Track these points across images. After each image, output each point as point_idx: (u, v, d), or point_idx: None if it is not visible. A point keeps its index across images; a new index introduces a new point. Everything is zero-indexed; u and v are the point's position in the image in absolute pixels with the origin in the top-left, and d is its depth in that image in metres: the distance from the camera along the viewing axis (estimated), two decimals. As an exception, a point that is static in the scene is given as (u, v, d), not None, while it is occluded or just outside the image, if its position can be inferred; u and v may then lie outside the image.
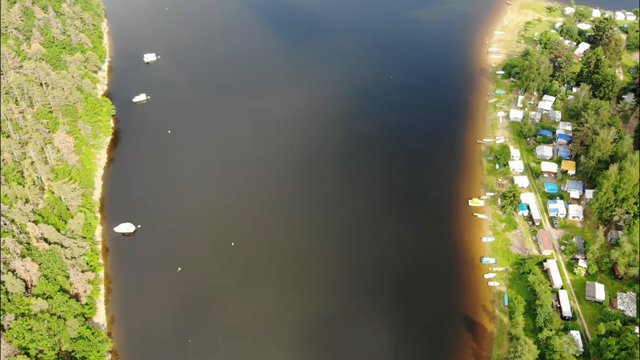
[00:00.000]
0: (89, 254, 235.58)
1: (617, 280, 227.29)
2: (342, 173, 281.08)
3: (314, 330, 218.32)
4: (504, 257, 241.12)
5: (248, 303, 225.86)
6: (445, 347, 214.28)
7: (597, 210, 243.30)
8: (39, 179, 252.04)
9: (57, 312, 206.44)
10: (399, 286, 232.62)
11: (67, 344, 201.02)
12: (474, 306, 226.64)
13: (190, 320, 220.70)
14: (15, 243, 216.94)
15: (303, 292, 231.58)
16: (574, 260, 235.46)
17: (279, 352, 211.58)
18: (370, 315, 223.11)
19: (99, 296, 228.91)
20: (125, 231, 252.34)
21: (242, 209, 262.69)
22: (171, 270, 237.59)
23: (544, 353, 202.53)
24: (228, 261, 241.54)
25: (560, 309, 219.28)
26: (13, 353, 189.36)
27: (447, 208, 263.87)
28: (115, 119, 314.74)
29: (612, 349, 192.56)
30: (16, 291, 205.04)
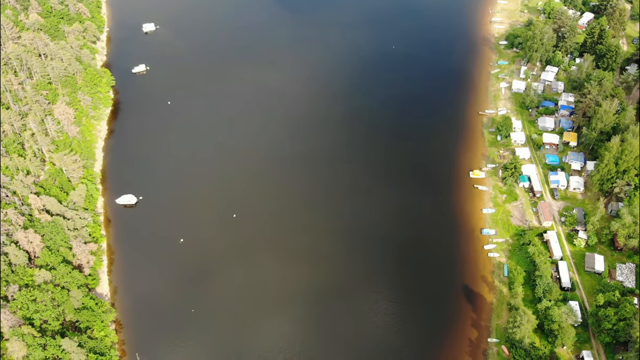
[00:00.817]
0: (91, 226, 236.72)
1: (617, 251, 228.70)
2: (343, 145, 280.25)
3: (314, 300, 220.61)
4: (504, 229, 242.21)
5: (250, 273, 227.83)
6: (445, 317, 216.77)
7: (598, 182, 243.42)
8: (39, 151, 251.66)
9: (60, 283, 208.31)
10: (398, 257, 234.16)
11: (71, 314, 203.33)
12: (473, 277, 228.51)
13: (193, 290, 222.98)
14: (18, 215, 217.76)
15: (304, 262, 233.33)
16: (574, 232, 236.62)
17: (280, 321, 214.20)
18: (370, 286, 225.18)
19: (102, 267, 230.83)
20: (127, 203, 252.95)
21: (244, 181, 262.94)
22: (173, 242, 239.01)
23: (542, 323, 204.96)
24: (230, 233, 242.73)
25: (560, 280, 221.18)
26: (18, 323, 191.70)
27: (447, 180, 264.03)
28: (114, 90, 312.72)
29: (610, 319, 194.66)
30: (19, 262, 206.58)
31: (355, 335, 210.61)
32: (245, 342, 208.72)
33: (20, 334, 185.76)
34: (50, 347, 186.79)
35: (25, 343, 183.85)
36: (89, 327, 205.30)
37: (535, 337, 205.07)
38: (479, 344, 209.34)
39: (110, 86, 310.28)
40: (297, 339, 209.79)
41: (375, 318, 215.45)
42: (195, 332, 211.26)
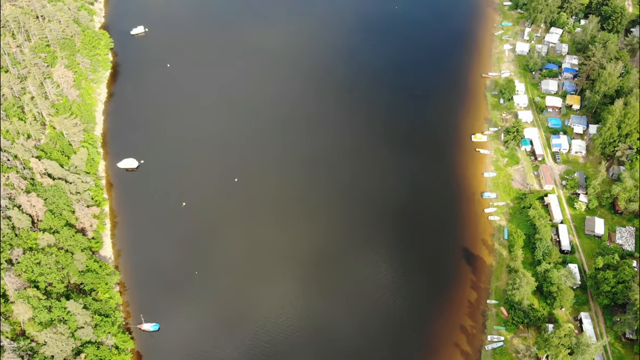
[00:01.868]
0: (93, 189, 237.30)
1: (617, 215, 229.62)
2: (345, 108, 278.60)
3: (315, 262, 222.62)
4: (505, 192, 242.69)
5: (252, 236, 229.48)
6: (445, 279, 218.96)
7: (600, 145, 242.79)
8: (39, 115, 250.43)
9: (64, 246, 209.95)
10: (399, 220, 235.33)
11: (75, 277, 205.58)
12: (473, 240, 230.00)
13: (196, 252, 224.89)
14: (20, 179, 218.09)
15: (305, 225, 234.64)
16: (575, 195, 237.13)
17: (282, 282, 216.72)
18: (371, 248, 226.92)
19: (105, 230, 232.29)
20: (128, 166, 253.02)
21: (245, 144, 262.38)
22: (175, 205, 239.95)
23: (541, 285, 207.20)
24: (231, 196, 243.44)
25: (560, 243, 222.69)
26: (23, 286, 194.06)
27: (449, 143, 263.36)
28: (113, 52, 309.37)
29: (609, 282, 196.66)
30: (23, 226, 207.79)
31: (355, 295, 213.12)
32: (248, 302, 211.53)
33: (26, 296, 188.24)
34: (56, 309, 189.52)
35: (31, 305, 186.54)
36: (94, 290, 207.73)
37: (534, 299, 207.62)
38: (478, 306, 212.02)
39: (109, 48, 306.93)
40: (298, 299, 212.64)
41: (376, 279, 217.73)
42: (198, 293, 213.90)
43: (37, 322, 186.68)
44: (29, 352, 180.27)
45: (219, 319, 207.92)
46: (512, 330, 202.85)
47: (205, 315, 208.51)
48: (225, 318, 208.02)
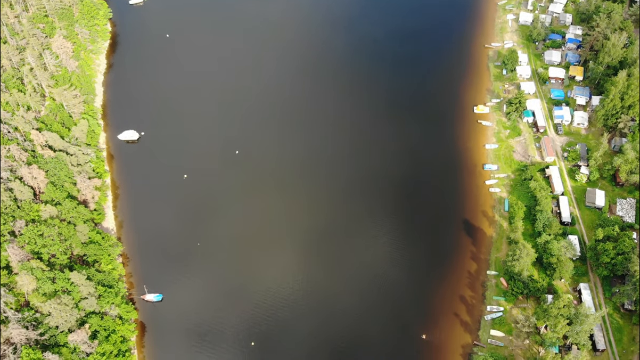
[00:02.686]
0: (94, 161, 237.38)
1: (618, 187, 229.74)
2: (345, 79, 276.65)
3: (316, 233, 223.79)
4: (506, 164, 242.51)
5: (254, 208, 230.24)
6: (445, 250, 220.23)
7: (602, 117, 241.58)
8: (39, 86, 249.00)
9: (66, 218, 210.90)
10: (400, 192, 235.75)
11: (78, 249, 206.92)
12: (474, 212, 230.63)
13: (198, 224, 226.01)
14: (21, 151, 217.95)
15: (306, 197, 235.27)
16: (576, 167, 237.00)
17: (284, 254, 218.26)
18: (372, 220, 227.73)
19: (107, 202, 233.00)
20: (129, 138, 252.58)
21: (247, 117, 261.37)
22: (177, 177, 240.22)
23: (541, 257, 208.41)
24: (233, 168, 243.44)
25: (560, 215, 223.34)
26: (26, 258, 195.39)
27: (451, 114, 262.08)
28: (112, 22, 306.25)
29: (608, 253, 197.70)
30: (25, 198, 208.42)
31: (355, 267, 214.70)
32: (249, 273, 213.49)
33: (29, 267, 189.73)
34: (59, 280, 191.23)
35: (35, 276, 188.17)
36: (97, 261, 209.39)
37: (534, 270, 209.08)
38: (478, 276, 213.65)
39: (108, 19, 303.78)
40: (299, 270, 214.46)
41: (376, 250, 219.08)
42: (201, 264, 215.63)
43: (41, 293, 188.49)
44: (33, 323, 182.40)
45: (221, 289, 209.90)
46: (511, 301, 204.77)
47: (208, 286, 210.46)
48: (227, 289, 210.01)
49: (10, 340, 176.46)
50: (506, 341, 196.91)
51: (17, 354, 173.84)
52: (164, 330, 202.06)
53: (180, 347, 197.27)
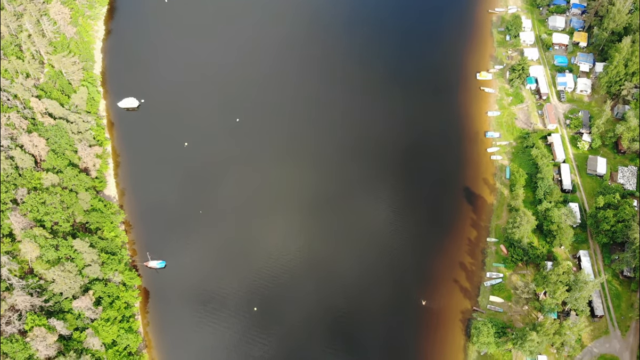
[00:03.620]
0: (94, 129, 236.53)
1: (620, 154, 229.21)
2: (348, 44, 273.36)
3: (317, 201, 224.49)
4: (508, 131, 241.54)
5: (255, 176, 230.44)
6: (445, 217, 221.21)
7: (606, 84, 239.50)
8: (37, 53, 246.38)
9: (68, 185, 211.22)
10: (401, 159, 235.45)
11: (80, 216, 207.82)
12: (475, 179, 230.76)
13: (199, 192, 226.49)
14: (21, 118, 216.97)
15: (308, 164, 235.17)
16: (579, 135, 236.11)
17: (285, 222, 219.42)
18: (372, 187, 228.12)
19: (108, 170, 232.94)
20: (129, 106, 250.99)
21: (247, 83, 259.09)
22: (178, 145, 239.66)
23: (542, 224, 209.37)
24: (234, 136, 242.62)
25: (561, 182, 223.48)
26: (29, 225, 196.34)
27: (454, 81, 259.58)
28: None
29: (609, 221, 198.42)
30: (26, 166, 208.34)
31: (356, 234, 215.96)
32: (251, 240, 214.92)
33: (32, 235, 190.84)
34: (63, 247, 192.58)
35: (38, 244, 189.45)
36: (99, 228, 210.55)
37: (534, 237, 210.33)
38: (478, 243, 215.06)
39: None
40: (301, 237, 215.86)
41: (376, 217, 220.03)
42: (203, 231, 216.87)
43: (45, 260, 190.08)
44: (37, 290, 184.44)
45: (224, 256, 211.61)
46: (511, 268, 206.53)
47: (210, 253, 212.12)
48: (229, 255, 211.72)
49: (15, 307, 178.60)
50: (505, 307, 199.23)
51: (22, 320, 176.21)
52: (167, 296, 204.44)
53: (183, 313, 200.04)
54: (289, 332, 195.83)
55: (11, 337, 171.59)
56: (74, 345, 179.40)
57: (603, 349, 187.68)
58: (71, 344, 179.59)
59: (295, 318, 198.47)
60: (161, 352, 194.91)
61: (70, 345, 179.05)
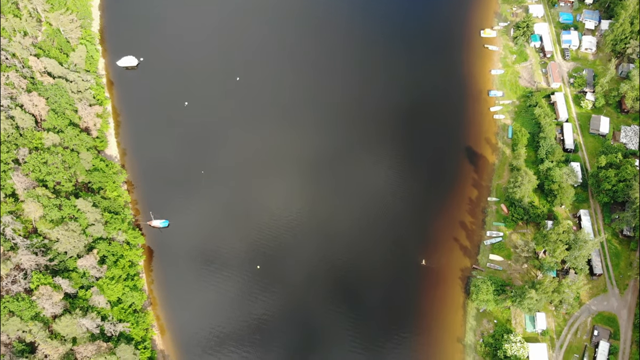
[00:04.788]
0: (94, 88, 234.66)
1: (623, 113, 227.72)
2: (349, 2, 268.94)
3: (318, 160, 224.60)
4: (511, 90, 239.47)
5: (256, 136, 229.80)
6: (446, 177, 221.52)
7: (611, 41, 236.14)
8: (35, 10, 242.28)
9: (69, 145, 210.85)
10: (402, 118, 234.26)
11: (82, 176, 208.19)
12: (477, 139, 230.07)
13: (201, 151, 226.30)
14: (20, 77, 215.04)
15: (309, 124, 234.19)
16: (582, 94, 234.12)
17: (285, 180, 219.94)
18: (374, 146, 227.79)
19: (109, 129, 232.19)
20: (128, 65, 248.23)
21: (248, 42, 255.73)
22: (178, 104, 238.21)
23: (543, 183, 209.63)
24: (235, 96, 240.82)
25: (563, 142, 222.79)
26: (31, 185, 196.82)
27: (457, 39, 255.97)
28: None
29: (610, 180, 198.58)
30: (27, 126, 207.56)
31: (357, 194, 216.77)
32: (253, 200, 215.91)
33: (35, 195, 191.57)
34: (66, 207, 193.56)
35: (41, 204, 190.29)
36: (102, 188, 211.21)
37: (535, 196, 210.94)
38: (479, 203, 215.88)
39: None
40: (302, 196, 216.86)
41: (377, 177, 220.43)
42: (205, 191, 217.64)
43: (48, 220, 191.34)
44: (42, 249, 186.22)
45: (226, 215, 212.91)
46: (511, 227, 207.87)
47: (212, 212, 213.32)
48: (231, 215, 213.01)
49: (20, 266, 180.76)
50: (505, 265, 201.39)
51: (27, 279, 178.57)
52: (171, 255, 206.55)
53: (187, 271, 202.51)
54: (291, 290, 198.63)
55: (17, 295, 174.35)
56: (79, 303, 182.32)
57: (601, 307, 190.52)
58: (77, 302, 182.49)
59: (297, 276, 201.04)
60: (166, 309, 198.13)
61: (76, 304, 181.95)
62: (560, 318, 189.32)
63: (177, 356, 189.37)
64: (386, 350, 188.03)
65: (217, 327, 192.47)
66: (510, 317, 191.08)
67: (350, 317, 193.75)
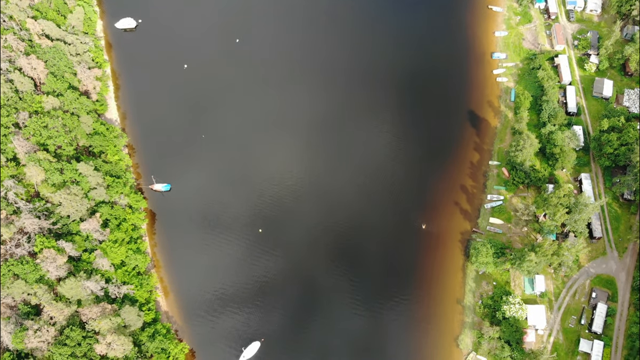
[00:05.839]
0: (93, 50, 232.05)
1: (627, 76, 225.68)
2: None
3: (319, 124, 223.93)
4: (515, 52, 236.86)
5: (257, 100, 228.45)
6: (448, 140, 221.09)
7: (616, 3, 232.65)
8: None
9: (69, 109, 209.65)
10: (404, 81, 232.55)
11: (83, 140, 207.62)
12: (479, 102, 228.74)
13: (201, 115, 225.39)
14: (18, 40, 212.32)
15: (310, 86, 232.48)
16: (586, 56, 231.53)
17: (286, 144, 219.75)
18: (375, 110, 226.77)
19: (109, 92, 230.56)
20: (126, 27, 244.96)
21: (247, 2, 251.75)
22: (177, 67, 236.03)
23: (544, 147, 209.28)
24: (234, 58, 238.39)
25: (566, 105, 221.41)
26: (32, 149, 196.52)
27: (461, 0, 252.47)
28: None
29: (612, 144, 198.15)
30: (26, 89, 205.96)
31: (358, 157, 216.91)
32: (254, 163, 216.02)
33: (37, 159, 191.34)
34: (67, 171, 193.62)
35: (43, 168, 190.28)
36: (103, 152, 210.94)
37: (536, 160, 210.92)
38: (480, 167, 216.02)
39: None
40: (303, 160, 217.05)
41: (379, 140, 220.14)
42: (206, 155, 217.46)
43: (50, 183, 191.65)
44: (45, 213, 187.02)
45: (227, 179, 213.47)
46: (512, 190, 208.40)
47: (214, 176, 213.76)
48: (233, 178, 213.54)
49: (24, 230, 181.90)
50: (505, 228, 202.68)
51: (31, 242, 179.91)
52: (173, 218, 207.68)
53: (190, 234, 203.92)
54: (292, 253, 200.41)
55: (21, 259, 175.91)
56: (83, 266, 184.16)
57: (600, 270, 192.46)
58: (81, 265, 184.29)
59: (298, 240, 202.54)
60: (169, 272, 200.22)
61: (79, 266, 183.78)
62: (559, 280, 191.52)
63: (180, 317, 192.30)
64: (386, 312, 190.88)
65: (220, 289, 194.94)
66: (509, 279, 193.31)
67: (351, 280, 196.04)
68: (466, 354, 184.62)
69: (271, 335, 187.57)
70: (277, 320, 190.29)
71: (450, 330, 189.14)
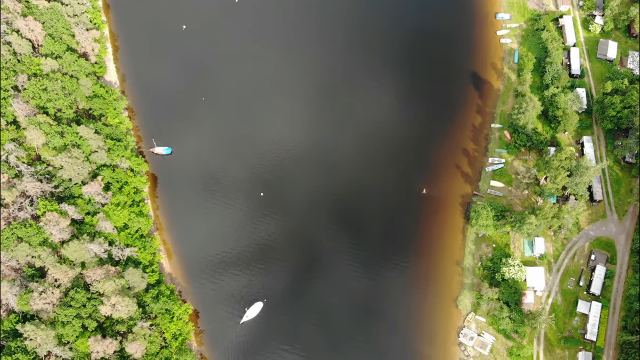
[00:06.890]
0: (90, 11, 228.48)
1: (632, 38, 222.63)
2: None
3: (320, 87, 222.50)
4: (519, 13, 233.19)
5: (257, 61, 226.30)
6: (450, 103, 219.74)
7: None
8: None
9: (68, 71, 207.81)
10: (406, 43, 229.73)
11: (83, 102, 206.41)
12: (482, 63, 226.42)
13: (201, 77, 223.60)
14: (14, 1, 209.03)
15: (311, 48, 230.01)
16: (591, 17, 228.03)
17: (286, 107, 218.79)
18: (376, 72, 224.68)
19: (107, 55, 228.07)
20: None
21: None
22: (177, 28, 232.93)
23: (547, 109, 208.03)
24: (233, 19, 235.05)
25: (570, 67, 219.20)
26: (32, 112, 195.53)
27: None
28: None
29: (615, 106, 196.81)
30: (24, 52, 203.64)
31: (359, 121, 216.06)
32: (255, 126, 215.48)
33: (37, 122, 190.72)
34: (68, 134, 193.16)
35: (43, 131, 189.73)
36: (103, 115, 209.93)
37: (539, 123, 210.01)
38: (482, 129, 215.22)
39: None
40: (303, 123, 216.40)
41: (380, 104, 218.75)
42: (207, 118, 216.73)
43: (51, 147, 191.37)
44: (46, 176, 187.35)
45: (228, 142, 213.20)
46: (513, 153, 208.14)
47: (215, 140, 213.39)
48: (233, 142, 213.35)
49: (26, 193, 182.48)
50: (505, 191, 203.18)
51: (33, 206, 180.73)
52: (175, 181, 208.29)
53: (192, 197, 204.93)
54: (293, 217, 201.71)
55: (25, 222, 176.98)
56: (86, 229, 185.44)
57: (599, 232, 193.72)
58: (84, 228, 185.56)
59: (299, 204, 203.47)
60: (171, 234, 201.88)
61: (83, 229, 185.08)
62: (558, 243, 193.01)
63: (184, 279, 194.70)
64: (386, 274, 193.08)
65: (222, 251, 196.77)
66: (509, 241, 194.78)
67: (351, 243, 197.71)
68: (465, 314, 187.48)
69: (273, 297, 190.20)
70: (279, 281, 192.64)
71: (450, 291, 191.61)
